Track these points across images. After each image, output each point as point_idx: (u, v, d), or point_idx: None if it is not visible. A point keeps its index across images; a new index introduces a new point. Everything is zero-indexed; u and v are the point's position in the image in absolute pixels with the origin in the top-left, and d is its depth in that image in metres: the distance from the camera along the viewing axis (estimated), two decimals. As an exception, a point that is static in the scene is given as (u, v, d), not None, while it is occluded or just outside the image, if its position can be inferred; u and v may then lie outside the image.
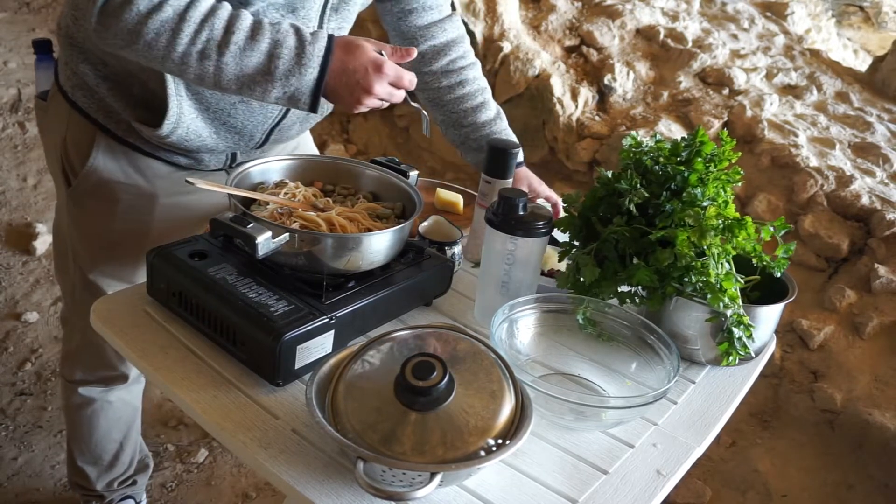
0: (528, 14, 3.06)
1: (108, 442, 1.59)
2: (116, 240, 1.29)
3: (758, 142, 2.59)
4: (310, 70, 1.01)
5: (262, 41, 1.00)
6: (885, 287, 2.19)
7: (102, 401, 1.53)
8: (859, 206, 2.34)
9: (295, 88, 1.01)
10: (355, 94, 1.03)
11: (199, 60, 1.00)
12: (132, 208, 1.27)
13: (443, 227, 1.25)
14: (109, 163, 1.23)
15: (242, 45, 0.99)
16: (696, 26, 3.15)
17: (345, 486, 0.83)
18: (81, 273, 1.34)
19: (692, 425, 1.01)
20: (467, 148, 1.43)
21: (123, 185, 1.24)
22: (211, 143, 1.22)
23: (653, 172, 1.10)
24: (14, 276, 2.60)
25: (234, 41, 0.99)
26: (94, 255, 1.32)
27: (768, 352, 1.18)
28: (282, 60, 1.00)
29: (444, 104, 1.42)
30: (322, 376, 0.87)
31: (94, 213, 1.29)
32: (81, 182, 1.24)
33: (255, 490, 1.97)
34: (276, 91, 1.02)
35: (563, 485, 0.88)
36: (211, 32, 0.99)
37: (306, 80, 1.01)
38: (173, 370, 0.97)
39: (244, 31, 1.00)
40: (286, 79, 1.01)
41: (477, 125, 1.41)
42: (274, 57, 1.00)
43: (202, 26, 0.98)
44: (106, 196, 1.25)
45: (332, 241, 1.00)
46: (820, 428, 2.10)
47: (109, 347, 1.42)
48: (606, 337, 1.08)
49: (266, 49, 1.00)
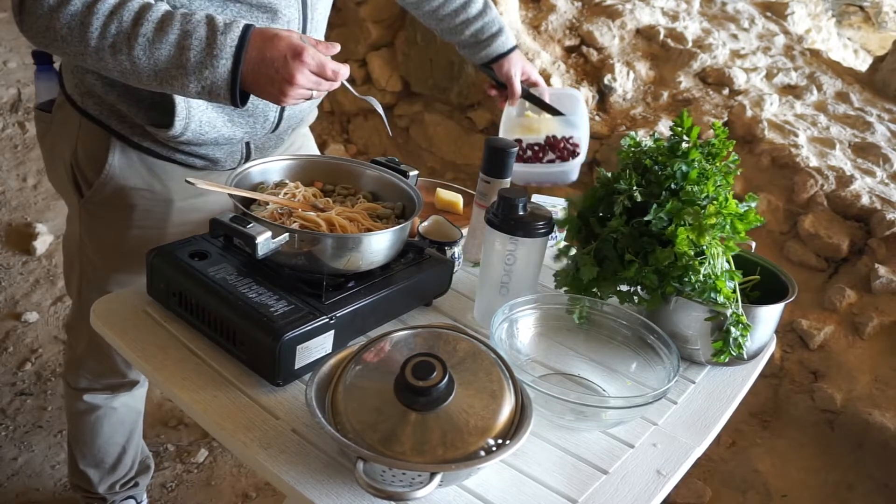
0: (528, 14, 3.06)
1: (111, 446, 1.59)
2: (132, 246, 1.27)
3: (758, 142, 2.59)
4: (222, 61, 0.96)
5: (170, 32, 0.96)
6: (886, 287, 2.19)
7: (107, 407, 1.52)
8: (859, 206, 2.33)
9: (210, 82, 0.97)
10: (277, 85, 0.98)
11: (112, 55, 0.97)
12: (149, 213, 1.26)
13: (443, 227, 1.25)
14: (126, 169, 1.21)
15: (151, 36, 0.96)
16: (696, 26, 3.15)
17: (345, 486, 0.83)
18: (93, 280, 1.33)
19: (692, 425, 1.01)
20: (464, 44, 1.55)
21: (140, 191, 1.23)
22: (227, 132, 1.19)
23: (652, 172, 1.10)
24: (14, 276, 2.60)
25: (142, 33, 0.96)
26: (109, 263, 1.31)
27: (768, 352, 1.18)
28: (192, 52, 0.96)
29: (437, 17, 1.54)
30: (322, 376, 0.87)
31: (109, 222, 1.27)
32: (97, 191, 1.23)
33: (255, 490, 1.97)
34: (194, 85, 0.98)
35: (563, 485, 0.88)
36: (120, 25, 0.96)
37: (220, 73, 0.97)
38: (173, 370, 0.97)
39: (153, 23, 0.96)
40: (199, 71, 0.97)
41: (469, 19, 1.52)
42: (184, 48, 0.96)
43: (111, 18, 0.95)
44: (122, 203, 1.24)
45: (332, 241, 1.00)
46: (820, 428, 2.10)
47: (117, 354, 1.41)
48: (606, 336, 1.08)
49: (175, 40, 0.96)
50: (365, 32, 3.41)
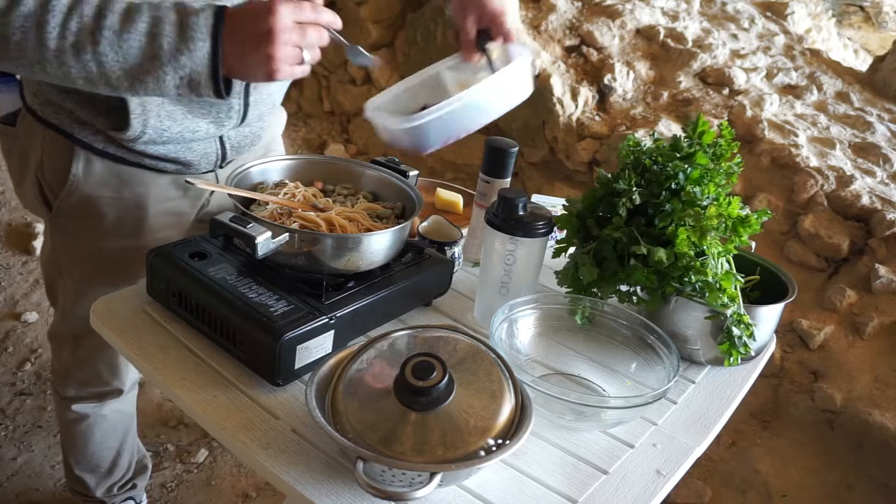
0: (528, 14, 3.06)
1: (105, 451, 1.57)
2: (108, 257, 1.23)
3: (758, 142, 2.59)
4: (199, 43, 0.89)
5: (138, 21, 0.88)
6: (886, 287, 2.19)
7: (97, 415, 1.49)
8: (859, 206, 2.33)
9: (190, 69, 0.90)
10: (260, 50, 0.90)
11: (75, 56, 0.88)
12: (121, 222, 1.20)
13: (443, 227, 1.25)
14: (90, 177, 1.16)
15: (117, 28, 0.88)
16: (696, 26, 3.15)
17: (345, 486, 0.83)
18: (72, 293, 1.30)
19: (692, 425, 1.01)
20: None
21: (108, 200, 1.18)
22: (191, 124, 1.12)
23: (652, 172, 1.10)
24: (14, 276, 2.60)
25: (107, 25, 0.88)
26: (86, 275, 1.27)
27: (768, 352, 1.18)
28: (165, 38, 0.88)
29: None
30: (322, 376, 0.87)
31: (80, 233, 1.22)
32: (63, 202, 1.18)
33: (255, 490, 1.97)
34: (171, 77, 0.90)
35: (563, 485, 0.88)
36: (81, 20, 0.87)
37: (199, 56, 0.89)
38: (173, 370, 0.96)
39: (117, 14, 0.88)
40: (175, 59, 0.89)
41: None
42: (155, 36, 0.88)
43: (70, 14, 0.87)
44: (91, 213, 1.18)
45: (331, 241, 1.00)
46: (820, 428, 2.10)
47: (100, 362, 1.39)
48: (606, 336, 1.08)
49: (145, 28, 0.88)
50: (365, 32, 3.41)
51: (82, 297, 1.28)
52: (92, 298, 1.25)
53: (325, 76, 3.72)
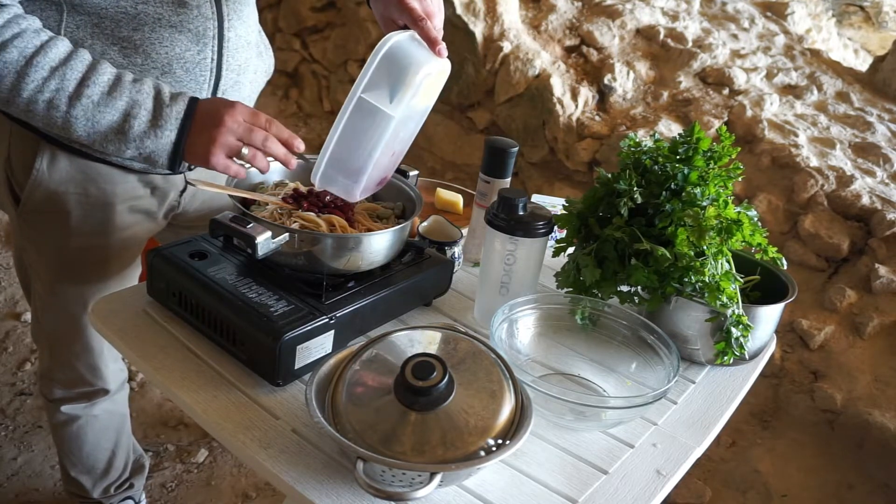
0: (528, 14, 3.06)
1: (99, 451, 1.56)
2: (75, 255, 1.23)
3: (758, 142, 2.59)
4: (167, 132, 1.00)
5: (118, 98, 0.98)
6: (886, 287, 2.19)
7: (87, 416, 1.48)
8: (860, 206, 2.33)
9: (151, 151, 1.00)
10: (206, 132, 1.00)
11: (46, 109, 0.97)
12: (87, 219, 1.20)
13: (443, 227, 1.25)
14: (56, 173, 1.15)
15: (97, 100, 0.97)
16: (696, 26, 3.15)
17: (345, 486, 0.83)
18: (42, 292, 1.30)
19: (692, 425, 1.01)
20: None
21: (73, 196, 1.17)
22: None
23: (652, 172, 1.10)
24: (14, 276, 2.60)
25: (87, 94, 0.97)
26: (54, 273, 1.26)
27: (768, 352, 1.18)
28: (137, 121, 0.99)
29: None
30: (322, 376, 0.87)
31: (46, 230, 1.22)
32: (29, 197, 1.18)
33: (255, 490, 1.97)
34: (131, 151, 1.01)
35: (563, 485, 0.88)
36: (62, 82, 0.96)
37: (163, 143, 1.00)
38: (173, 370, 0.96)
39: (100, 86, 0.97)
40: (141, 141, 1.00)
41: None
42: (129, 117, 0.99)
43: (52, 74, 0.96)
44: (56, 209, 1.18)
45: (331, 241, 1.00)
46: (820, 428, 2.10)
47: (80, 363, 1.38)
48: (606, 336, 1.08)
49: (122, 108, 0.98)
50: (365, 32, 3.41)
51: (52, 298, 1.28)
52: (62, 299, 1.25)
53: (324, 76, 3.72)
